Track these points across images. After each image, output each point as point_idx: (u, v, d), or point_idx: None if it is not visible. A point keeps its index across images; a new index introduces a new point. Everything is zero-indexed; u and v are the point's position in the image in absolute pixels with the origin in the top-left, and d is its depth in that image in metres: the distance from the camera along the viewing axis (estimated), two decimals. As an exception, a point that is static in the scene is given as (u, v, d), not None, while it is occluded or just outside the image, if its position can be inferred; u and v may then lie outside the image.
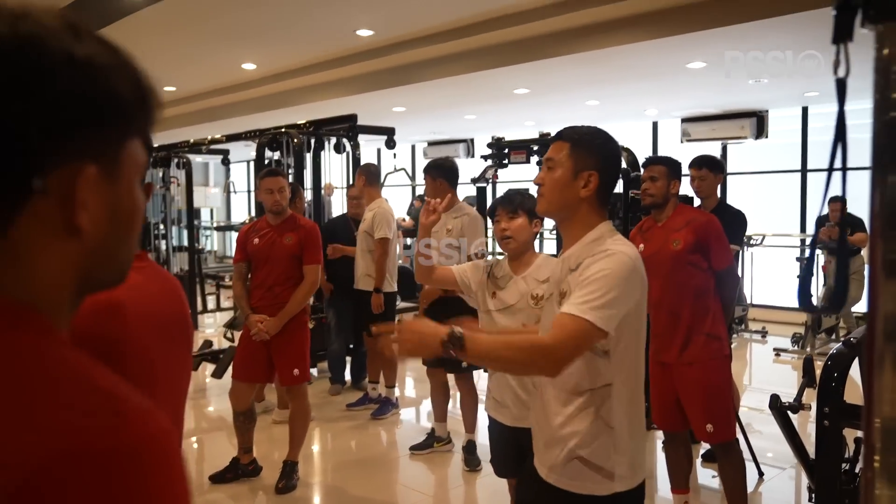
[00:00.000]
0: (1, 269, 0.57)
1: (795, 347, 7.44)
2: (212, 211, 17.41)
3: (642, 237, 3.44)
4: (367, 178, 5.37)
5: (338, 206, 8.00)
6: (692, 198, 4.43)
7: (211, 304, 10.21)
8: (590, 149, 1.82)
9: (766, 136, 9.63)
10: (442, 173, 4.21)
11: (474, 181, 5.21)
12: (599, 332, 1.66)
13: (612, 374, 1.76)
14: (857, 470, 3.39)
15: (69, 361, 0.57)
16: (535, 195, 1.97)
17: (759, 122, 9.53)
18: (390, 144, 7.06)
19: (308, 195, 6.45)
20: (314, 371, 5.89)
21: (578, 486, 1.78)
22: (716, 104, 9.10)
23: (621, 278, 1.70)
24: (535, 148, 4.67)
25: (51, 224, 0.58)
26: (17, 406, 0.51)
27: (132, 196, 0.65)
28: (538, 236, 3.35)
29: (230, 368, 5.59)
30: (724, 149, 10.16)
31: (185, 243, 9.17)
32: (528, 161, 4.61)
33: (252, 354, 3.99)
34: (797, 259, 8.40)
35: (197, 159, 15.49)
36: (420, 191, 13.45)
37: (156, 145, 9.06)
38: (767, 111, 9.50)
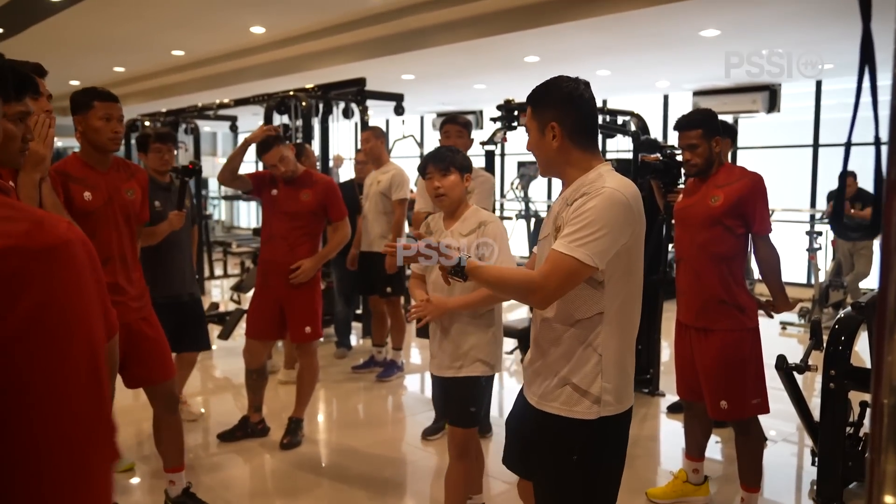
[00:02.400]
0: None
1: (802, 321, 7.43)
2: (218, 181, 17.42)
3: (687, 187, 3.26)
4: (374, 133, 5.33)
5: (346, 177, 7.98)
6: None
7: (218, 270, 10.26)
8: (543, 102, 1.91)
9: (779, 111, 9.53)
10: (469, 132, 4.27)
11: (483, 144, 5.18)
12: (587, 268, 1.77)
13: (605, 304, 1.86)
14: (861, 434, 3.41)
15: None
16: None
17: (771, 96, 9.42)
18: (399, 111, 7.01)
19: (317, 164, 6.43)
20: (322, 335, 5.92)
21: (567, 410, 1.89)
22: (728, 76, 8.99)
23: (612, 214, 1.77)
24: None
25: None
26: None
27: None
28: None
29: (236, 330, 5.68)
30: (735, 123, 10.07)
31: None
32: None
33: (264, 312, 4.00)
34: (807, 233, 8.35)
35: (205, 128, 15.48)
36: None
37: (164, 110, 9.04)
38: (780, 85, 9.39)
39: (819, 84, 9.40)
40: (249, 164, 16.79)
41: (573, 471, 1.91)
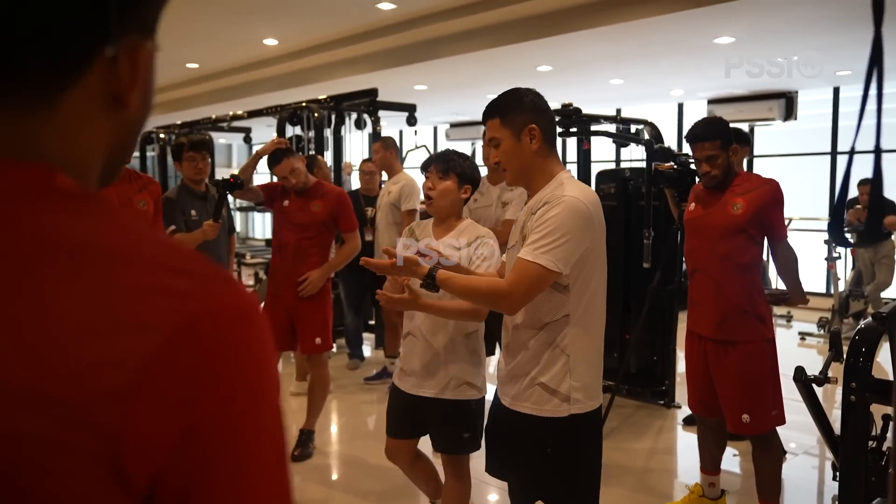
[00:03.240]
0: (48, 142, 0.54)
1: (821, 332, 7.31)
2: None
3: (695, 195, 3.14)
4: (383, 144, 5.31)
5: (357, 185, 7.99)
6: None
7: (232, 282, 10.29)
8: (516, 109, 1.99)
9: (795, 119, 9.44)
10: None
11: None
12: (552, 273, 1.87)
13: (571, 306, 1.95)
14: (884, 448, 3.32)
15: (148, 228, 0.56)
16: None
17: (787, 104, 9.34)
18: (411, 121, 7.01)
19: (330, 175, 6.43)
20: (333, 347, 5.89)
21: (539, 409, 1.98)
22: (743, 84, 8.91)
23: (573, 221, 1.87)
24: (557, 119, 4.58)
25: (99, 98, 0.55)
26: (129, 270, 0.50)
27: (154, 72, 0.63)
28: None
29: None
30: (751, 131, 9.98)
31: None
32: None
33: (275, 323, 3.97)
34: (825, 242, 8.24)
35: (220, 140, 15.59)
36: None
37: (178, 122, 9.10)
38: (797, 92, 9.30)
39: (837, 91, 9.30)
40: (264, 176, 16.91)
41: (547, 469, 2.00)
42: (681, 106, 10.73)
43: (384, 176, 5.63)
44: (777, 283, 8.83)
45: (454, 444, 2.64)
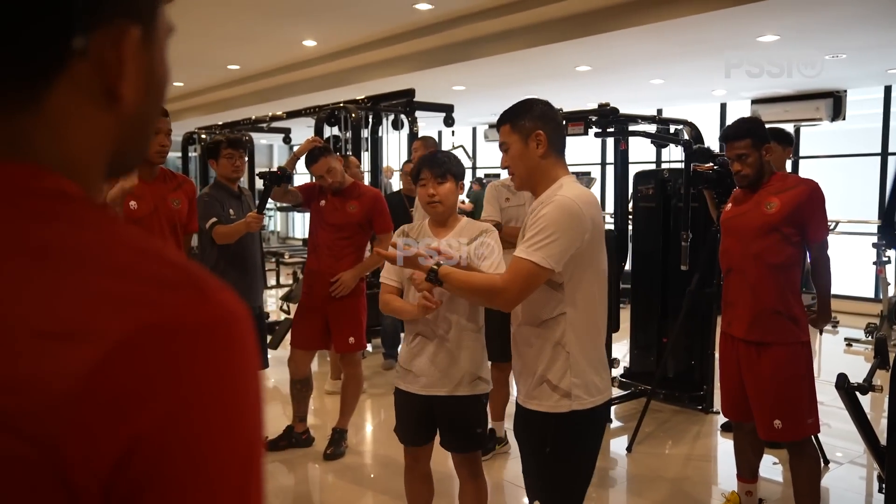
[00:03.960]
0: (38, 141, 0.52)
1: (869, 338, 7.09)
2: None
3: (733, 197, 3.12)
4: (424, 143, 5.31)
5: (398, 186, 8.02)
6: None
7: (271, 280, 10.42)
8: (524, 117, 2.10)
9: (844, 119, 9.17)
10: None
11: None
12: (544, 270, 1.94)
13: (567, 304, 2.03)
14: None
15: (131, 230, 0.54)
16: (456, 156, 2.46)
17: (835, 103, 9.08)
18: (449, 122, 7.00)
19: (367, 176, 6.45)
20: (368, 346, 5.92)
21: (543, 405, 2.07)
22: (788, 83, 8.69)
23: (563, 219, 1.95)
24: (594, 119, 4.53)
25: (90, 91, 0.53)
26: (90, 276, 0.48)
27: (164, 63, 0.60)
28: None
29: (286, 339, 5.72)
30: (797, 132, 9.73)
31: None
32: (585, 133, 4.47)
33: (309, 322, 4.01)
34: (874, 246, 7.99)
35: (262, 141, 15.81)
36: (480, 173, 13.36)
37: (220, 123, 9.25)
38: (846, 91, 9.04)
39: (888, 90, 9.01)
40: (303, 177, 17.10)
41: (549, 461, 2.08)
42: (723, 106, 10.52)
43: None
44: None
45: (470, 441, 2.63)
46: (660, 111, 10.69)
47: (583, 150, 10.15)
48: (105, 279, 0.48)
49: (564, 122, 4.77)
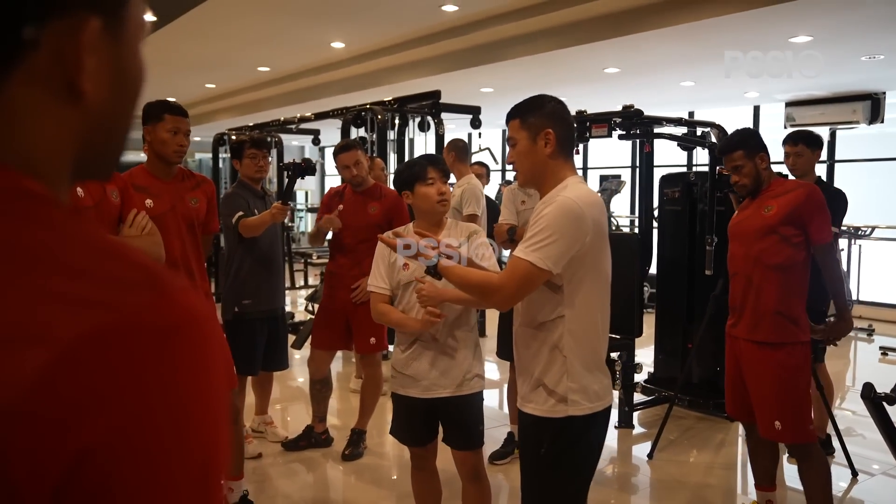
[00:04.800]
0: None
1: (904, 347, 6.90)
2: (306, 193, 17.87)
3: (739, 206, 3.23)
4: (455, 154, 5.30)
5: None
6: (786, 175, 4.16)
7: (299, 281, 10.50)
8: (536, 113, 2.05)
9: (882, 121, 8.94)
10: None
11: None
12: (542, 271, 1.90)
13: (566, 307, 1.99)
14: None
15: (92, 230, 0.52)
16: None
17: (873, 106, 8.85)
18: (475, 124, 6.97)
19: (393, 178, 6.46)
20: (390, 347, 5.92)
21: (539, 409, 2.04)
22: (824, 85, 8.51)
23: (564, 221, 1.91)
24: (618, 121, 4.47)
25: (50, 85, 0.52)
26: (43, 276, 0.46)
27: (136, 59, 0.58)
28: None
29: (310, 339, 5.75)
30: (833, 135, 9.52)
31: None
32: (609, 135, 4.42)
33: (330, 323, 4.02)
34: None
35: (293, 142, 15.95)
36: (510, 176, 13.31)
37: (250, 124, 9.35)
38: (884, 93, 8.81)
39: (929, 92, 8.77)
40: (334, 179, 17.20)
41: (542, 467, 2.05)
42: (756, 109, 10.33)
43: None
44: (853, 294, 8.41)
45: (473, 438, 2.64)
46: (691, 114, 10.54)
47: (613, 152, 10.07)
48: (60, 280, 0.46)
49: (588, 124, 4.74)
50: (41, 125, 0.52)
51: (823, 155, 4.78)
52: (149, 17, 6.89)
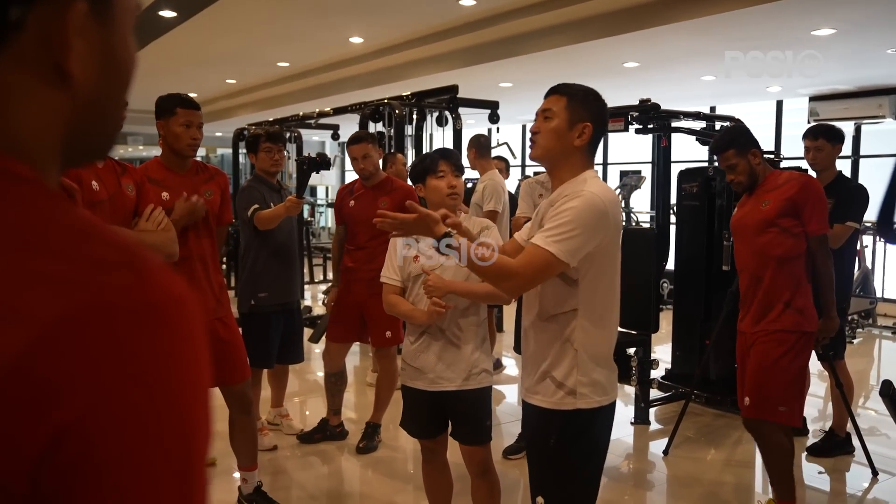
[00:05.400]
0: None
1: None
2: (327, 189, 17.94)
3: (740, 204, 3.23)
4: (477, 150, 5.30)
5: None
6: (806, 170, 4.10)
7: (318, 275, 10.55)
8: (585, 103, 2.04)
9: (908, 116, 8.79)
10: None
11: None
12: (560, 263, 1.91)
13: (579, 301, 2.00)
14: None
15: (75, 212, 0.52)
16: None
17: (900, 100, 8.70)
18: (493, 119, 6.95)
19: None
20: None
21: (546, 401, 2.05)
22: (849, 79, 8.37)
23: (587, 216, 1.92)
24: (634, 115, 4.44)
25: (37, 68, 0.51)
26: (24, 257, 0.46)
27: (126, 45, 0.58)
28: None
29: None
30: (858, 129, 9.36)
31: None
32: (626, 129, 4.39)
33: (345, 317, 4.04)
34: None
35: (314, 138, 16.01)
36: (530, 171, 13.26)
37: (270, 119, 9.40)
38: (911, 87, 8.65)
39: (957, 86, 8.59)
40: (353, 173, 17.23)
41: (551, 458, 2.05)
42: (779, 103, 10.19)
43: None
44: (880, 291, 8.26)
45: (481, 433, 2.63)
46: (712, 109, 10.43)
47: (633, 147, 9.99)
48: (40, 260, 0.46)
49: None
50: (28, 108, 0.53)
51: (847, 150, 4.70)
52: (169, 12, 6.96)
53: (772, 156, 4.10)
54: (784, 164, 4.10)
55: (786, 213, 2.94)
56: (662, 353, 5.23)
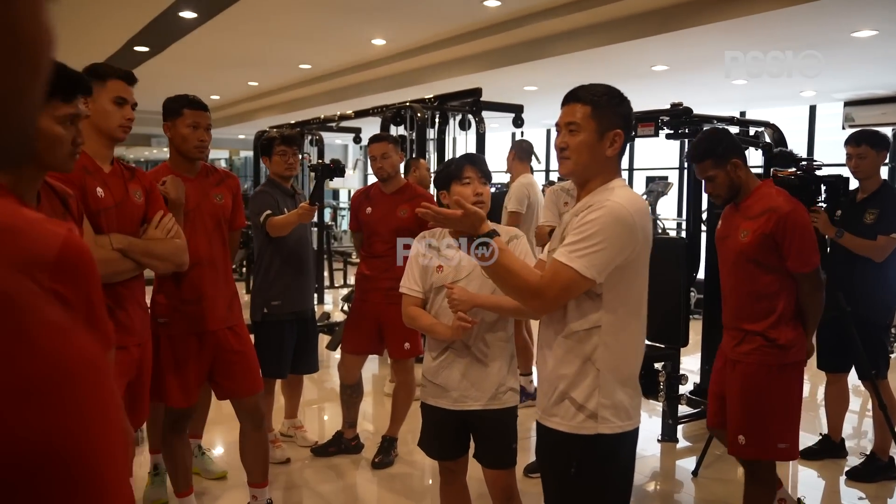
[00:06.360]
0: None
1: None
2: (349, 192, 17.91)
3: (725, 214, 2.97)
4: (515, 152, 5.17)
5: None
6: (847, 178, 3.90)
7: (338, 280, 10.46)
8: (612, 109, 1.88)
9: (949, 122, 8.50)
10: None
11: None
12: (585, 280, 1.77)
13: (602, 317, 1.84)
14: None
15: None
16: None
17: (940, 105, 8.42)
18: (518, 122, 6.80)
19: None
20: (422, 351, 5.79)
21: (564, 424, 1.88)
22: (886, 84, 8.11)
23: (613, 228, 1.77)
24: (665, 119, 4.26)
25: None
26: None
27: (36, 21, 0.45)
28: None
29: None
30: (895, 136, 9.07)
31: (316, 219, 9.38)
32: (656, 134, 4.21)
33: (362, 327, 3.91)
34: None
35: (336, 141, 15.98)
36: (554, 176, 13.08)
37: (292, 122, 9.34)
38: (951, 92, 8.37)
39: None
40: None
41: (572, 487, 1.89)
42: (813, 108, 9.93)
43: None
44: None
45: (505, 457, 2.49)
46: (742, 114, 10.19)
47: (660, 153, 9.78)
48: None
49: (634, 123, 4.53)
50: None
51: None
52: (189, 13, 6.90)
53: (812, 161, 3.89)
54: (825, 170, 3.88)
55: (763, 249, 2.68)
56: (689, 363, 5.03)
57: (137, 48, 8.45)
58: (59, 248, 1.25)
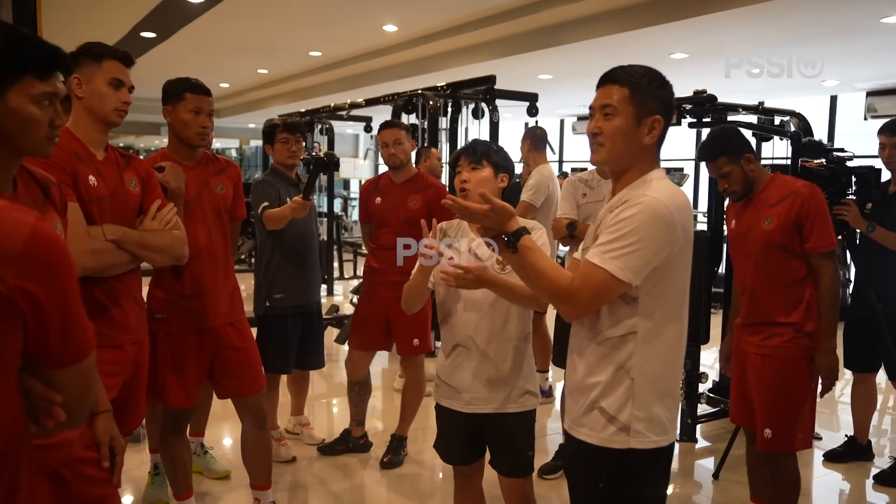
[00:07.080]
0: None
1: None
2: (360, 182, 17.78)
3: (735, 211, 2.93)
4: (531, 142, 5.02)
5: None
6: (879, 169, 3.73)
7: (348, 271, 10.34)
8: (651, 92, 1.72)
9: (976, 112, 8.25)
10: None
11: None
12: (620, 283, 1.63)
13: (638, 322, 1.70)
14: None
15: None
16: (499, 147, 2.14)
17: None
18: (532, 111, 6.63)
19: (446, 168, 6.18)
20: (438, 343, 5.66)
21: (594, 436, 1.75)
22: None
23: (651, 227, 1.63)
24: (688, 107, 4.09)
25: None
26: None
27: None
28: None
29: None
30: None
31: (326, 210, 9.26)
32: (678, 122, 4.05)
33: (370, 323, 3.78)
34: None
35: (347, 130, 15.84)
36: (567, 167, 12.90)
37: (301, 110, 9.21)
38: (978, 82, 8.13)
39: None
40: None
41: (600, 502, 1.76)
42: (834, 99, 9.69)
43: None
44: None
45: (521, 464, 2.37)
46: (761, 103, 9.96)
47: (674, 143, 9.60)
48: None
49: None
50: None
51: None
52: (196, -2, 6.76)
53: (843, 152, 3.72)
54: (856, 161, 3.71)
55: (790, 232, 2.70)
56: (706, 359, 4.88)
57: (144, 34, 8.32)
58: (26, 238, 1.11)
